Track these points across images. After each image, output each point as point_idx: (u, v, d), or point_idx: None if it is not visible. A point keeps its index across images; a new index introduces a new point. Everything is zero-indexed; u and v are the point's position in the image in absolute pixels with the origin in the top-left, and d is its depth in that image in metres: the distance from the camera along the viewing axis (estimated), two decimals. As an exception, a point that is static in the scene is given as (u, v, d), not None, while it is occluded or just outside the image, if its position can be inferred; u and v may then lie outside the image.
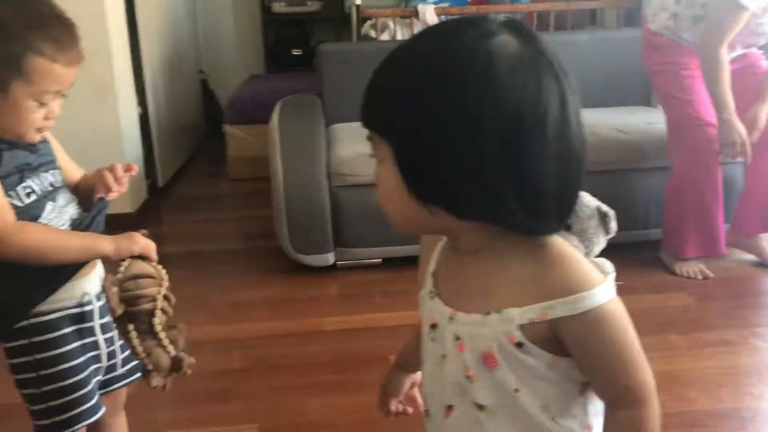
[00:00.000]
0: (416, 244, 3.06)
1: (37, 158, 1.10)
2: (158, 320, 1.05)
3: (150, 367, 1.05)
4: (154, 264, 1.09)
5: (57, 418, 1.11)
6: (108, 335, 1.18)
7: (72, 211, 1.13)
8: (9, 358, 1.11)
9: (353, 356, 2.05)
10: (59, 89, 1.04)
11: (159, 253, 1.15)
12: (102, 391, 1.21)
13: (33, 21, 1.00)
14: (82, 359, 1.12)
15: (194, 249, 2.99)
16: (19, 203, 1.05)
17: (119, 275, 1.04)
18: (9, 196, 1.04)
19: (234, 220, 3.49)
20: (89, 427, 1.23)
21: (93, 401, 1.14)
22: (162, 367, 1.05)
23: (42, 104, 1.03)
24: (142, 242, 1.07)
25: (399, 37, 3.60)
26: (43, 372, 1.09)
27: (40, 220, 1.07)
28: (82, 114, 3.00)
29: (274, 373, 1.97)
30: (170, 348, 1.06)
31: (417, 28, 3.63)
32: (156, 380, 1.06)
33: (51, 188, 1.11)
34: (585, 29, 3.89)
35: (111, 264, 1.10)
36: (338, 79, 3.18)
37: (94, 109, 3.04)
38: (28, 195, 1.06)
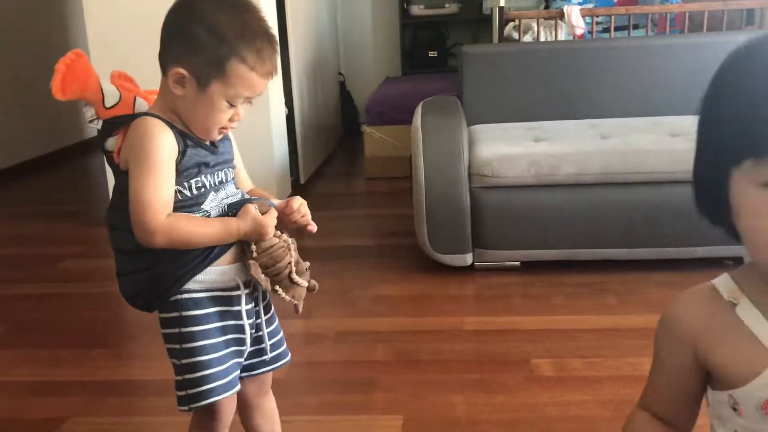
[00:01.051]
0: (557, 249, 3.01)
1: (216, 158, 1.18)
2: (296, 276, 1.20)
3: (296, 301, 1.22)
4: (276, 233, 1.17)
5: (190, 391, 1.17)
6: (255, 321, 1.25)
7: (228, 201, 1.20)
8: (162, 327, 1.20)
9: (494, 357, 2.05)
10: (250, 96, 1.12)
11: (300, 247, 1.24)
12: (247, 373, 1.27)
13: (246, 32, 1.08)
14: (221, 339, 1.19)
15: (334, 244, 3.09)
16: (188, 193, 1.13)
17: (255, 255, 1.15)
18: (182, 186, 1.12)
19: (372, 217, 3.59)
20: (239, 406, 1.32)
21: (226, 379, 1.19)
22: (302, 297, 1.24)
23: (231, 106, 1.11)
24: (267, 220, 1.15)
25: (542, 38, 3.57)
26: (185, 345, 1.17)
27: (202, 206, 1.15)
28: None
29: (417, 367, 2.02)
30: (305, 283, 1.23)
31: (562, 30, 3.58)
32: (300, 307, 1.23)
33: (219, 184, 1.19)
34: (742, 30, 3.68)
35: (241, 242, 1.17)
36: (479, 80, 3.19)
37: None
38: (198, 189, 1.15)
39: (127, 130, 1.11)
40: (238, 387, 1.22)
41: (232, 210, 1.18)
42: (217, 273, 1.18)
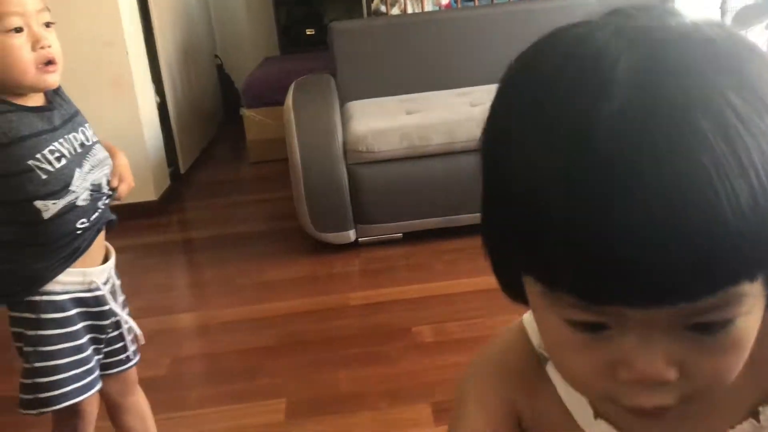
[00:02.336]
0: (436, 217, 3.07)
1: (58, 117, 1.10)
2: None
3: None
4: None
5: (41, 395, 1.13)
6: (110, 321, 1.22)
7: (94, 176, 1.15)
8: (12, 326, 1.15)
9: (379, 329, 2.09)
10: (18, 10, 1.03)
11: (187, 238, 1.21)
12: (106, 372, 1.25)
13: None
14: (80, 341, 1.16)
15: (218, 233, 3.04)
16: (49, 167, 1.07)
17: None
18: (37, 160, 1.06)
19: (256, 202, 3.54)
20: (107, 408, 1.29)
21: (86, 380, 1.16)
22: None
23: (15, 31, 1.02)
24: None
25: (410, 10, 3.59)
26: (40, 348, 1.12)
27: (70, 187, 1.09)
28: (101, 107, 3.05)
29: (303, 349, 2.02)
30: None
31: (428, 3, 3.62)
32: None
33: (81, 149, 1.13)
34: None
35: None
36: (351, 56, 3.19)
37: (113, 101, 3.10)
38: (57, 159, 1.08)
39: None
40: (99, 386, 1.19)
41: (95, 197, 1.13)
42: (77, 274, 1.14)
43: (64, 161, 1.09)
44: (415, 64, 3.23)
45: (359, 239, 2.70)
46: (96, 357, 1.19)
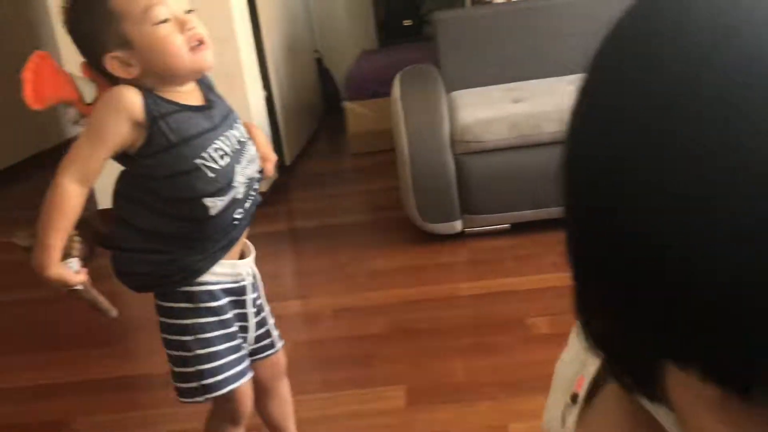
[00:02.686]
0: (546, 207, 3.01)
1: (217, 115, 1.13)
2: None
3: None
4: None
5: (205, 382, 1.17)
6: (253, 309, 1.26)
7: (249, 170, 1.17)
8: (164, 316, 1.18)
9: (490, 320, 2.07)
10: (158, 1, 1.05)
11: (293, 228, 1.24)
12: (257, 357, 1.29)
13: None
14: (233, 329, 1.20)
15: (325, 223, 3.10)
16: (215, 165, 1.10)
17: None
18: (203, 158, 1.08)
19: (359, 193, 3.58)
20: (256, 391, 1.33)
21: (240, 367, 1.20)
22: None
23: (162, 22, 1.05)
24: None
25: (514, -2, 3.53)
26: (199, 335, 1.16)
27: (233, 183, 1.12)
28: (214, 100, 3.17)
29: (415, 337, 2.03)
30: None
31: (532, -12, 3.55)
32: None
33: (238, 145, 1.15)
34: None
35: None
36: (455, 46, 3.17)
37: (225, 96, 3.19)
38: (221, 157, 1.11)
39: None
40: (252, 373, 1.23)
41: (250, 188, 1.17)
42: (228, 266, 1.19)
43: (227, 159, 1.12)
44: (519, 52, 3.18)
45: (465, 230, 2.69)
46: (244, 344, 1.24)
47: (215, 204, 1.11)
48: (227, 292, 1.19)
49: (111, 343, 2.28)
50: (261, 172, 1.21)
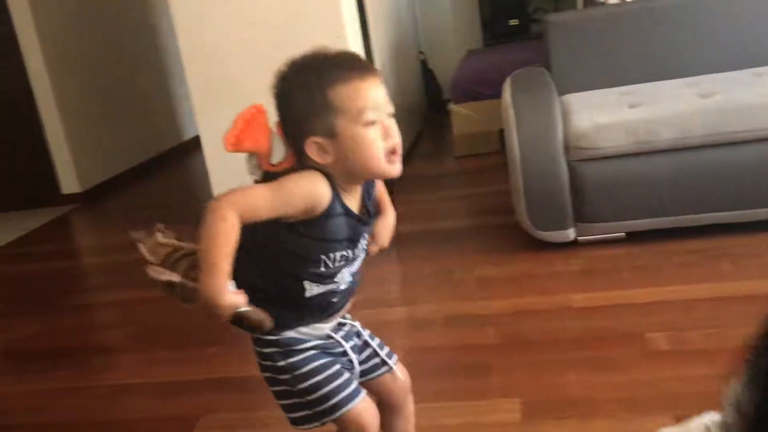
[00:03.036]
0: (663, 216, 2.91)
1: (364, 231, 1.19)
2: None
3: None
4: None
5: (318, 408, 1.22)
6: (352, 343, 1.29)
7: (355, 268, 1.23)
8: (261, 358, 1.25)
9: (606, 333, 2.03)
10: (373, 105, 1.09)
11: (397, 232, 1.29)
12: (367, 378, 1.32)
13: (322, 66, 1.10)
14: (329, 358, 1.23)
15: (431, 227, 3.12)
16: (331, 265, 1.16)
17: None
18: (328, 257, 1.15)
19: (464, 197, 3.58)
20: (380, 409, 1.35)
21: (350, 388, 1.23)
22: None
23: (371, 124, 1.09)
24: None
25: (629, -2, 3.42)
26: (296, 372, 1.21)
27: (335, 279, 1.18)
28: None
29: (528, 348, 2.02)
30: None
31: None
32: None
33: (360, 254, 1.22)
34: None
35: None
36: (566, 48, 3.11)
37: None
38: (340, 260, 1.17)
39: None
40: (364, 393, 1.26)
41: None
42: (311, 328, 1.23)
43: (343, 262, 1.18)
44: (634, 54, 3.09)
45: (578, 238, 2.64)
46: (348, 369, 1.26)
47: (311, 288, 1.17)
48: (316, 347, 1.24)
49: (231, 343, 2.38)
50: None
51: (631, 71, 3.07)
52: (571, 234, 2.62)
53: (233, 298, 1.06)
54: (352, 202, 1.16)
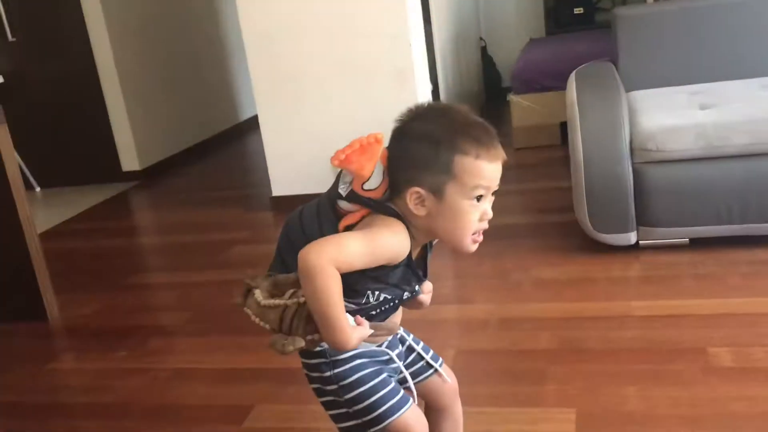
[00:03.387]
0: (730, 224, 2.83)
1: (417, 282, 1.18)
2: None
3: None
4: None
5: (366, 418, 1.22)
6: (397, 352, 1.29)
7: (388, 314, 1.22)
8: (311, 371, 1.26)
9: (667, 345, 1.98)
10: (488, 185, 1.10)
11: None
12: (415, 382, 1.31)
13: (458, 127, 1.08)
14: (376, 367, 1.23)
15: (489, 223, 3.07)
16: (372, 300, 1.15)
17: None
18: (372, 293, 1.14)
19: (523, 192, 3.53)
20: (428, 413, 1.35)
21: (397, 397, 1.22)
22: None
23: (475, 203, 1.09)
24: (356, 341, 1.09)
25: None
26: (343, 383, 1.21)
27: (371, 313, 1.17)
28: (384, 96, 3.24)
29: (585, 356, 1.98)
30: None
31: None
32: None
33: (398, 305, 1.22)
34: None
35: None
36: (636, 43, 3.03)
37: (396, 91, 3.26)
38: (381, 300, 1.16)
39: (368, 212, 1.13)
40: (412, 401, 1.25)
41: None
42: (362, 347, 1.22)
43: (385, 306, 1.18)
44: (707, 52, 2.98)
45: (640, 242, 2.58)
46: (393, 376, 1.26)
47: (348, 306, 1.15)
48: (364, 354, 1.23)
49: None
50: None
51: (702, 69, 2.97)
52: (632, 237, 2.56)
53: (360, 334, 1.07)
54: (415, 254, 1.16)
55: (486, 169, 1.08)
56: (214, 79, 5.72)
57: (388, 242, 1.09)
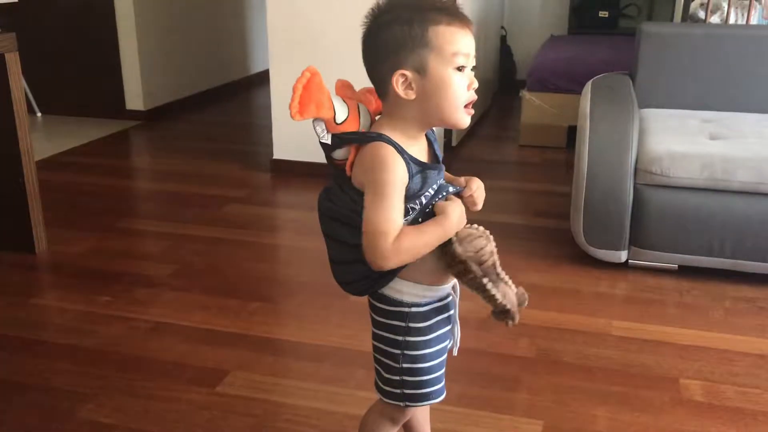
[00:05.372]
0: (722, 258, 2.83)
1: (440, 174, 1.19)
2: (501, 270, 1.19)
3: (509, 306, 1.18)
4: (467, 224, 1.19)
5: (408, 391, 1.24)
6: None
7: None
8: (378, 328, 1.25)
9: (641, 370, 2.01)
10: (466, 52, 1.10)
11: None
12: None
13: (424, 4, 1.11)
14: (440, 346, 1.24)
15: (483, 218, 3.06)
16: (417, 207, 1.15)
17: (459, 246, 1.14)
18: (413, 203, 1.14)
19: (522, 192, 3.53)
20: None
21: (441, 384, 1.26)
22: (515, 303, 1.20)
23: (459, 70, 1.10)
24: (462, 209, 1.17)
25: (732, 20, 3.27)
26: (408, 352, 1.22)
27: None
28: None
29: (561, 369, 2.01)
30: (513, 286, 1.20)
31: (756, 12, 3.28)
32: (516, 317, 1.20)
33: (446, 191, 1.21)
34: None
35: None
36: (656, 61, 3.01)
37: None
38: (425, 203, 1.16)
39: (358, 148, 1.14)
40: (444, 394, 1.28)
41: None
42: (434, 289, 1.22)
43: (424, 200, 1.17)
44: (725, 80, 2.97)
45: (629, 261, 2.60)
46: (444, 363, 1.28)
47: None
48: (437, 311, 1.23)
49: (270, 299, 2.43)
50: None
51: (718, 97, 2.97)
52: (623, 256, 2.58)
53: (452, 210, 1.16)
54: (421, 152, 1.17)
55: (460, 34, 1.10)
56: (230, 26, 5.65)
57: (390, 178, 1.10)
